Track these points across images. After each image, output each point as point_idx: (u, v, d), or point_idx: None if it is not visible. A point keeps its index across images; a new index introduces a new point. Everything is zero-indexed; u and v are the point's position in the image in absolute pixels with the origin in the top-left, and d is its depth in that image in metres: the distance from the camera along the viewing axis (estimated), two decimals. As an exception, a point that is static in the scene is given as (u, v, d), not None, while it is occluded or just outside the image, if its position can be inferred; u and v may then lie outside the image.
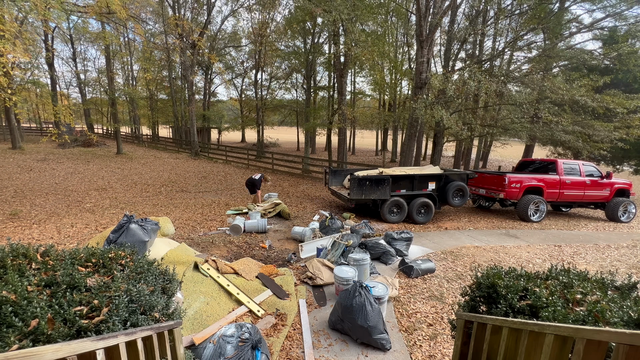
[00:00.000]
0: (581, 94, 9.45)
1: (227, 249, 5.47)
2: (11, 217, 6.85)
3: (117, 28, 16.49)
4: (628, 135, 10.85)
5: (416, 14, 10.09)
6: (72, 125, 20.71)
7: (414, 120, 10.55)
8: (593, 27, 12.50)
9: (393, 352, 2.99)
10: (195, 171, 14.87)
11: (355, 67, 21.69)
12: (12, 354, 0.84)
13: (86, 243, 4.51)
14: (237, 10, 22.99)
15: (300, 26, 17.76)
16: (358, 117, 22.78)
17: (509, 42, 14.23)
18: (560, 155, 16.92)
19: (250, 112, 30.10)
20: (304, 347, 3.00)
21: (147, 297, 1.68)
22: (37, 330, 1.24)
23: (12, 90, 7.49)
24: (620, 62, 11.59)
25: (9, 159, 14.84)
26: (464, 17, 16.86)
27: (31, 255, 1.74)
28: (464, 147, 18.33)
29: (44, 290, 1.48)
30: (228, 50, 27.61)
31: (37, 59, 21.77)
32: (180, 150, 22.67)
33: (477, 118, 11.82)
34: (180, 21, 14.65)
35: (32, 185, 10.14)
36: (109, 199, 8.99)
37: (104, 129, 32.95)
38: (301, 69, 21.80)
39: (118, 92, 23.62)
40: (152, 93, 27.78)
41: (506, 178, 8.21)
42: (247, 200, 9.41)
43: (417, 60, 10.39)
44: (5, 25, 6.41)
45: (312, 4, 11.22)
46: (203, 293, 3.45)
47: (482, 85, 8.79)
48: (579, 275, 1.91)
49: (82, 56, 30.53)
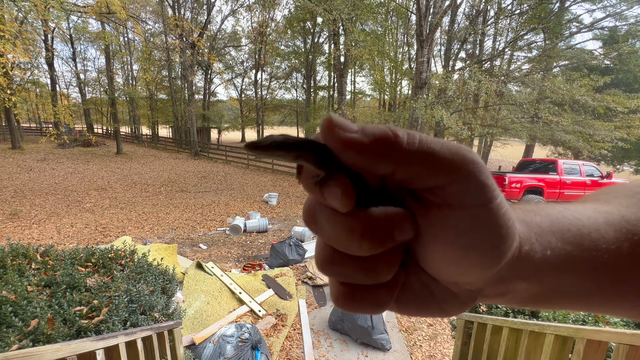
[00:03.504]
0: (581, 94, 9.44)
1: (227, 249, 5.47)
2: (11, 217, 6.85)
3: (116, 28, 16.52)
4: (629, 135, 10.85)
5: (416, 14, 10.09)
6: (71, 126, 20.70)
7: (414, 120, 10.55)
8: (593, 26, 12.51)
9: (393, 352, 2.99)
10: (195, 171, 14.88)
11: (355, 67, 21.71)
12: (12, 354, 0.84)
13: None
14: (237, 9, 23.00)
15: (300, 25, 17.79)
16: (358, 117, 22.75)
17: (509, 41, 14.23)
18: (560, 155, 16.93)
19: (250, 112, 30.11)
20: (304, 347, 3.00)
21: (147, 297, 1.68)
22: (37, 330, 1.24)
23: (12, 91, 7.50)
24: (620, 62, 11.60)
25: (9, 158, 14.84)
26: (464, 16, 16.87)
27: (31, 255, 1.74)
28: (464, 147, 18.32)
29: (43, 290, 1.48)
30: (228, 50, 27.62)
31: (37, 59, 21.78)
32: (180, 150, 22.67)
33: (477, 118, 11.82)
34: (180, 21, 14.66)
35: (31, 185, 10.14)
36: (109, 198, 8.99)
37: (104, 129, 32.95)
38: (301, 68, 21.83)
39: (118, 92, 23.63)
40: (151, 93, 27.78)
41: (506, 178, 8.21)
42: (247, 201, 9.42)
43: (417, 60, 10.39)
44: (5, 25, 6.41)
45: (312, 3, 11.21)
46: (204, 292, 3.46)
47: (482, 85, 8.79)
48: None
49: (81, 56, 30.55)
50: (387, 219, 0.19)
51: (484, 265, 0.19)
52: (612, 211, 0.24)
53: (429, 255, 0.20)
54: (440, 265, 0.20)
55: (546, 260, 0.21)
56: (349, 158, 0.18)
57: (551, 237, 0.21)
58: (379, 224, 0.18)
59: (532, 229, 0.21)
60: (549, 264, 0.21)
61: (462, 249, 0.19)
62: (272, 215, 7.94)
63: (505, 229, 0.18)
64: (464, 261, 0.19)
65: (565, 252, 0.21)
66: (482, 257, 0.19)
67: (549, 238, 0.21)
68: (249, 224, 6.48)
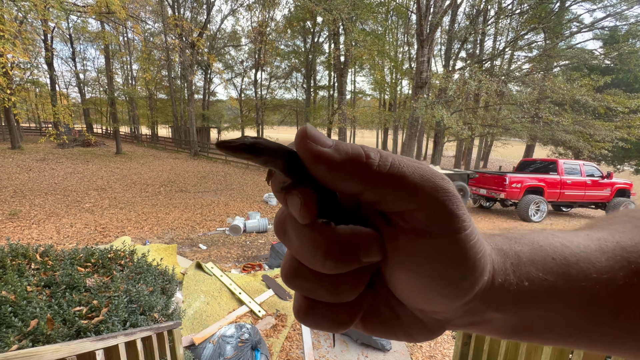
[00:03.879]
0: (582, 94, 9.44)
1: (227, 249, 5.47)
2: (10, 217, 6.84)
3: (116, 28, 16.50)
4: (629, 135, 10.85)
5: (417, 13, 10.09)
6: (70, 126, 20.68)
7: (415, 119, 10.55)
8: (594, 26, 12.52)
9: (393, 352, 2.99)
10: (195, 171, 14.87)
11: (355, 67, 21.72)
12: (12, 354, 0.84)
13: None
14: (237, 9, 23.00)
15: (300, 25, 17.79)
16: (358, 117, 22.78)
17: (509, 41, 14.23)
18: (561, 155, 16.93)
19: (249, 111, 30.10)
20: (303, 347, 2.99)
21: (146, 297, 1.68)
22: (37, 330, 1.24)
23: (12, 91, 7.49)
24: (621, 62, 11.60)
25: (8, 158, 14.83)
26: (465, 16, 16.87)
27: (30, 255, 1.73)
28: (465, 146, 18.34)
29: (43, 291, 1.47)
30: (227, 49, 27.61)
31: (37, 59, 21.74)
32: (180, 150, 22.66)
33: (478, 118, 11.82)
34: (179, 21, 14.65)
35: (31, 185, 10.14)
36: (108, 199, 8.99)
37: (103, 129, 32.94)
38: (301, 68, 21.83)
39: (117, 91, 23.62)
40: (151, 93, 27.78)
41: (507, 178, 8.20)
42: (247, 201, 9.41)
43: (418, 59, 10.39)
44: (5, 25, 6.40)
45: (312, 3, 11.21)
46: (204, 292, 3.45)
47: (482, 85, 8.79)
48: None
49: (81, 56, 30.54)
50: (354, 238, 0.18)
51: (449, 295, 0.18)
52: (606, 237, 0.22)
53: (396, 280, 0.20)
54: (407, 291, 0.20)
55: (523, 291, 0.19)
56: (318, 171, 0.17)
57: (530, 266, 0.20)
58: (345, 242, 0.18)
59: (509, 258, 0.20)
60: (527, 295, 0.19)
61: (428, 276, 0.18)
62: (272, 215, 7.94)
63: (473, 262, 0.18)
64: (430, 290, 0.18)
65: (547, 282, 0.19)
66: (448, 288, 0.18)
67: (528, 268, 0.20)
68: (249, 224, 6.48)
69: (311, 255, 0.18)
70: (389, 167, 0.17)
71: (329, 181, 0.18)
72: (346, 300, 0.20)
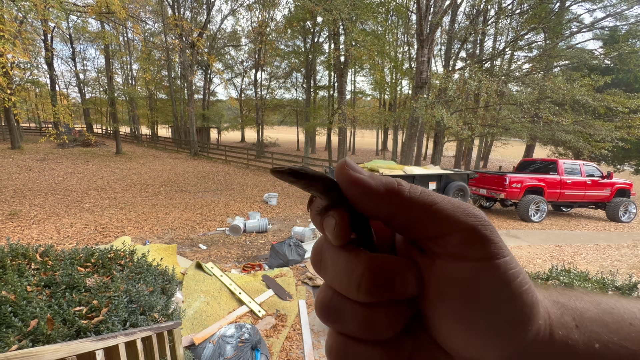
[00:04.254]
0: (582, 94, 9.43)
1: (227, 249, 5.47)
2: (10, 217, 6.84)
3: (116, 28, 16.50)
4: (629, 135, 10.84)
5: (416, 13, 10.08)
6: (70, 126, 20.68)
7: (415, 119, 10.54)
8: (594, 26, 12.51)
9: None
10: (195, 171, 14.87)
11: (355, 67, 21.71)
12: (12, 354, 0.84)
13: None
14: (237, 9, 23.00)
15: (300, 25, 17.78)
16: (358, 117, 22.77)
17: (509, 41, 14.24)
18: (561, 155, 16.93)
19: (249, 111, 30.11)
20: (303, 347, 2.99)
21: (146, 297, 1.68)
22: (37, 330, 1.24)
23: (12, 91, 7.49)
24: (621, 62, 11.59)
25: (8, 158, 14.82)
26: (465, 16, 16.86)
27: (30, 255, 1.73)
28: (465, 146, 18.34)
29: (43, 291, 1.47)
30: (227, 49, 27.61)
31: (37, 59, 21.73)
32: (180, 150, 22.66)
33: (478, 118, 11.82)
34: (179, 21, 14.65)
35: (31, 185, 10.14)
36: (108, 199, 8.99)
37: (103, 129, 32.94)
38: (301, 68, 21.84)
39: (117, 91, 23.61)
40: (151, 93, 27.78)
41: (507, 178, 8.20)
42: (247, 201, 9.41)
43: (418, 59, 10.38)
44: (5, 25, 6.40)
45: (312, 3, 11.21)
46: (204, 292, 3.45)
47: (482, 85, 8.79)
48: (579, 275, 1.91)
49: (81, 56, 30.53)
50: (389, 263, 0.18)
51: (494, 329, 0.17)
52: None
53: (437, 316, 0.19)
54: (450, 328, 0.18)
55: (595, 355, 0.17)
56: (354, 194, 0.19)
57: (601, 328, 0.18)
58: (380, 267, 0.18)
59: (568, 311, 0.19)
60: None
61: (469, 304, 0.17)
62: (272, 215, 7.94)
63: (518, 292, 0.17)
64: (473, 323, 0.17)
65: (625, 350, 0.17)
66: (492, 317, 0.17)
67: (597, 329, 0.18)
68: (249, 224, 6.48)
69: (346, 279, 0.19)
70: (419, 193, 0.18)
71: (363, 203, 0.19)
72: (381, 337, 0.19)
